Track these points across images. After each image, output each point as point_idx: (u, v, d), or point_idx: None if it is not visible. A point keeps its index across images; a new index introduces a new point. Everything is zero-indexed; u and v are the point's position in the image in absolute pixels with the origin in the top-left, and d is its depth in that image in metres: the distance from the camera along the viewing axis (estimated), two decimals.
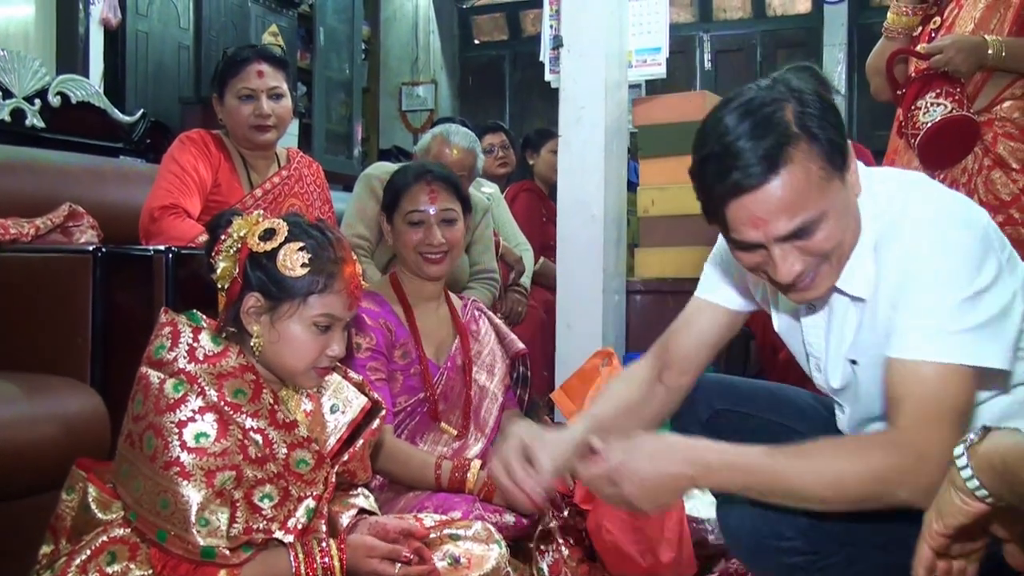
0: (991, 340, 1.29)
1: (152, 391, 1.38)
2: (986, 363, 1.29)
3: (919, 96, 2.44)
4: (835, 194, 1.30)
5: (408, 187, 2.18)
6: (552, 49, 3.91)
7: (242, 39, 5.99)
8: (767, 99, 1.29)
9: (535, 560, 1.95)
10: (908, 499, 1.26)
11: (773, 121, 1.27)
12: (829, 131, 1.28)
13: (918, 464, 1.25)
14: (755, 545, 1.38)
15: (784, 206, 1.27)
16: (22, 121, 2.81)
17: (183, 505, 1.34)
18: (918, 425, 1.27)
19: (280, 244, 1.45)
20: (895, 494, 1.26)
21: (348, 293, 1.49)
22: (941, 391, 1.28)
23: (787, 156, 1.25)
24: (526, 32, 8.86)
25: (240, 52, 2.65)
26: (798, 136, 1.26)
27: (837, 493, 1.28)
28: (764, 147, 1.25)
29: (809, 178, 1.27)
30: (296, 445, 1.47)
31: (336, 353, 1.50)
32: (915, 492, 1.24)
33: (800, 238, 1.31)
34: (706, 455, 1.32)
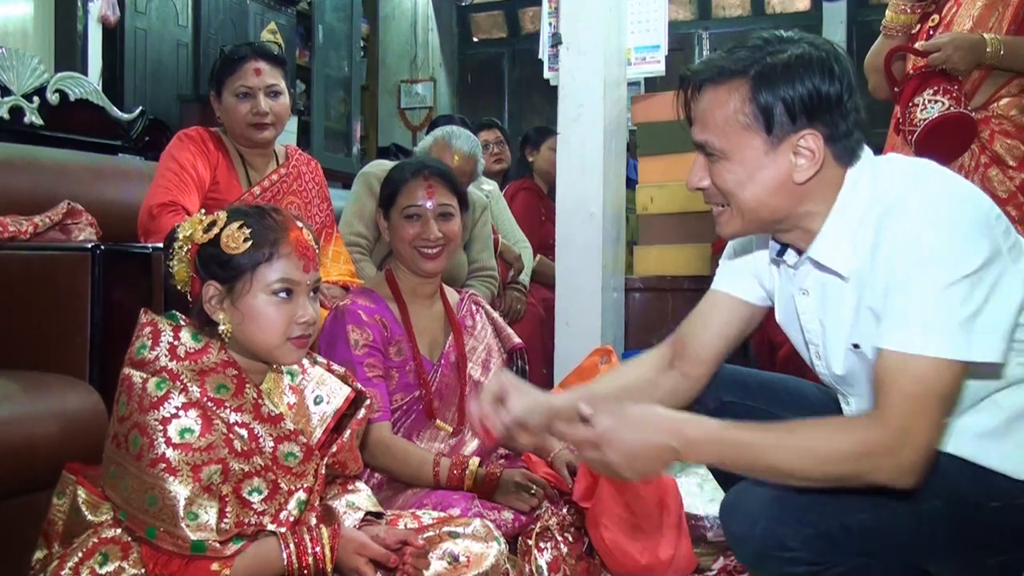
0: (983, 333, 1.29)
1: (135, 391, 1.39)
2: (977, 358, 1.30)
3: (916, 93, 2.44)
4: (748, 147, 1.38)
5: (405, 182, 2.17)
6: (551, 47, 3.91)
7: (241, 37, 5.99)
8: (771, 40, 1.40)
9: (533, 557, 1.95)
10: (886, 479, 1.29)
11: (741, 55, 1.39)
12: (785, 100, 1.35)
13: (900, 445, 1.28)
14: (759, 554, 1.38)
15: (702, 116, 1.42)
16: (20, 119, 2.81)
17: (171, 501, 1.35)
18: (904, 410, 1.29)
19: (221, 229, 1.47)
20: (873, 473, 1.29)
21: (298, 255, 1.49)
22: (929, 382, 1.29)
23: (724, 81, 1.39)
24: (525, 30, 8.86)
25: (237, 50, 2.64)
26: (744, 75, 1.37)
27: (817, 467, 1.31)
28: (718, 65, 1.40)
29: (725, 109, 1.38)
30: (283, 438, 1.48)
31: (306, 319, 1.50)
32: (893, 473, 1.29)
33: (709, 157, 1.43)
34: (689, 428, 1.36)
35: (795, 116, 1.36)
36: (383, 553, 1.49)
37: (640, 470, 1.37)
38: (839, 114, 1.37)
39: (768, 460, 1.33)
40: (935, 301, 1.29)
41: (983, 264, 1.29)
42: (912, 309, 1.31)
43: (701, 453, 1.37)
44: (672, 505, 2.09)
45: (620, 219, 3.60)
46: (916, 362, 1.29)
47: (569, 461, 2.12)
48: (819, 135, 1.37)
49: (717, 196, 1.45)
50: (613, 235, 3.49)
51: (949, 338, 1.28)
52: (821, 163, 1.38)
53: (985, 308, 1.29)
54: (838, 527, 1.35)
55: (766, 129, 1.37)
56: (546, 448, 2.13)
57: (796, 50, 1.37)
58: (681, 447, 1.34)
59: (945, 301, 1.28)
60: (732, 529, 1.42)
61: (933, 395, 1.29)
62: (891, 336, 1.32)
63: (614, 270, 3.55)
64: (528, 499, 1.97)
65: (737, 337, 1.71)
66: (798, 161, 1.38)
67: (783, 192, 1.40)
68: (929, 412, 1.29)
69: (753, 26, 8.15)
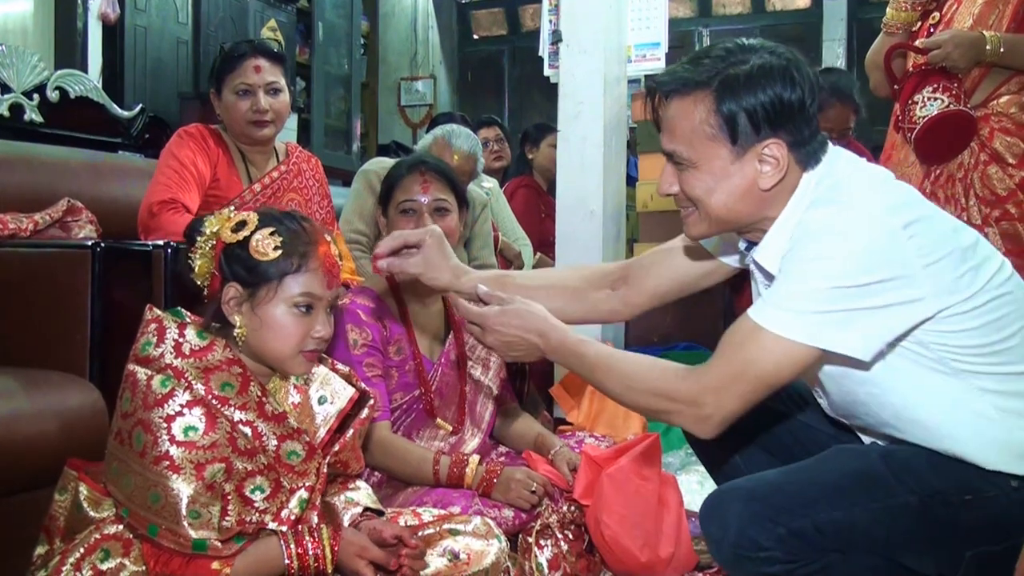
0: (840, 327, 1.33)
1: (140, 388, 1.39)
2: (822, 345, 1.34)
3: (916, 91, 2.44)
4: (715, 157, 1.43)
5: (402, 178, 2.17)
6: (551, 44, 3.91)
7: (241, 34, 5.99)
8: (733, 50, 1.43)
9: (533, 555, 1.95)
10: (684, 425, 1.45)
11: (705, 66, 1.42)
12: (748, 110, 1.39)
13: (705, 402, 1.39)
14: (735, 556, 1.39)
15: (669, 126, 1.47)
16: (20, 116, 2.80)
17: (173, 499, 1.34)
18: (723, 374, 1.39)
19: (252, 232, 1.46)
20: (675, 415, 1.44)
21: (324, 271, 1.49)
22: (759, 356, 1.36)
23: (690, 93, 1.43)
24: (525, 27, 8.86)
25: (237, 47, 2.64)
26: (708, 87, 1.41)
27: (630, 394, 1.49)
28: (683, 76, 1.44)
29: (690, 120, 1.43)
30: (286, 436, 1.47)
31: (322, 334, 1.50)
32: (690, 421, 1.43)
33: (678, 166, 1.48)
34: (554, 334, 1.54)
35: (759, 125, 1.40)
36: (383, 556, 1.49)
37: (510, 354, 1.59)
38: (801, 120, 1.42)
39: (599, 377, 1.52)
40: (806, 292, 1.34)
41: (873, 283, 1.32)
42: (784, 291, 1.36)
43: (557, 356, 1.57)
44: (672, 502, 2.10)
45: (620, 216, 3.60)
46: (757, 333, 1.36)
47: (570, 459, 2.12)
48: (783, 143, 1.41)
49: (686, 200, 1.51)
50: (613, 232, 3.49)
51: (799, 321, 1.33)
52: (785, 170, 1.43)
53: (862, 312, 1.33)
54: (810, 526, 1.37)
55: (731, 139, 1.41)
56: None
57: (758, 60, 1.40)
58: (545, 347, 1.54)
59: (815, 295, 1.33)
60: (708, 532, 1.44)
61: (758, 373, 1.36)
62: (756, 306, 1.40)
63: None
64: (528, 497, 1.97)
65: (691, 286, 1.78)
66: (763, 168, 1.43)
67: (749, 198, 1.45)
68: (745, 384, 1.37)
69: (753, 24, 8.15)
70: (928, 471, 1.42)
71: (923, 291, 1.35)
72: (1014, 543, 1.40)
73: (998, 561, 1.41)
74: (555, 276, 1.94)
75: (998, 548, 1.41)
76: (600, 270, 1.87)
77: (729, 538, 1.38)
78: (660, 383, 1.44)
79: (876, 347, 1.36)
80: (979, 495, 1.40)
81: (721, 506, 1.42)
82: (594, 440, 2.28)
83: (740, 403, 1.38)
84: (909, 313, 1.36)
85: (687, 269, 1.77)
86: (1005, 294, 1.42)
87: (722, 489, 1.49)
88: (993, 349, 1.40)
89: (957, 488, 1.40)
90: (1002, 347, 1.41)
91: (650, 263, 1.80)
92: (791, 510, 1.37)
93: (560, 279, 1.87)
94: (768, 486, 1.43)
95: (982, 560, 1.41)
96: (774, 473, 1.48)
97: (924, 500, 1.39)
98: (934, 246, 1.37)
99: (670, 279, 1.78)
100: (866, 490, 1.40)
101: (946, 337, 1.39)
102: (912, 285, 1.34)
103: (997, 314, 1.40)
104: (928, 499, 1.39)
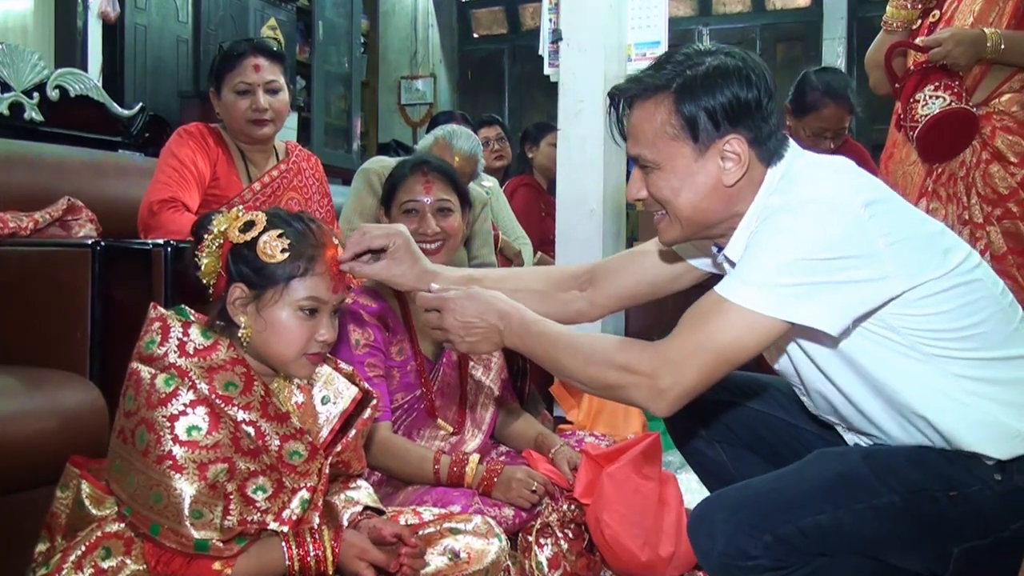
0: (807, 299, 1.34)
1: (143, 386, 1.38)
2: (787, 318, 1.35)
3: (918, 89, 2.44)
4: (679, 156, 1.46)
5: (404, 178, 2.17)
6: (551, 43, 3.91)
7: (241, 33, 5.99)
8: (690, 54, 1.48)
9: (534, 553, 1.95)
10: (640, 399, 1.43)
11: (665, 70, 1.47)
12: (707, 109, 1.43)
13: (663, 374, 1.39)
14: (723, 566, 1.40)
15: (633, 131, 1.51)
16: (20, 115, 2.80)
17: (176, 498, 1.34)
18: (684, 346, 1.39)
19: (260, 233, 1.46)
20: (626, 391, 1.43)
21: (331, 275, 1.49)
22: (724, 331, 1.37)
23: (650, 96, 1.47)
24: (525, 26, 8.86)
25: (236, 46, 2.63)
26: (667, 89, 1.45)
27: (585, 367, 1.47)
28: (643, 81, 1.49)
29: (652, 122, 1.47)
30: (289, 437, 1.47)
31: (326, 338, 1.49)
32: (646, 395, 1.41)
33: (644, 169, 1.51)
34: (515, 314, 1.53)
35: (718, 123, 1.44)
36: (384, 558, 1.49)
37: (472, 344, 1.56)
38: (760, 118, 1.46)
39: (560, 353, 1.49)
40: (771, 265, 1.36)
41: (836, 258, 1.34)
42: (748, 267, 1.38)
43: (517, 340, 1.54)
44: (673, 501, 2.09)
45: (620, 215, 3.60)
46: (720, 306, 1.38)
47: (570, 458, 2.12)
48: (743, 139, 1.45)
49: (656, 204, 1.53)
50: (613, 231, 3.49)
51: (763, 293, 1.35)
52: (747, 165, 1.46)
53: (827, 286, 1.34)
54: (796, 531, 1.37)
55: (692, 138, 1.45)
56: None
57: (714, 61, 1.45)
58: (505, 329, 1.53)
59: (780, 268, 1.35)
60: (697, 543, 1.45)
61: (720, 345, 1.37)
62: (722, 282, 1.41)
63: None
64: (529, 495, 1.97)
65: (660, 288, 1.80)
66: (726, 165, 1.46)
67: (715, 196, 1.48)
68: (706, 358, 1.37)
69: (753, 22, 8.15)
70: (910, 469, 1.43)
71: (887, 270, 1.36)
72: (1000, 536, 1.41)
73: (987, 555, 1.42)
74: (521, 277, 1.94)
75: (985, 542, 1.42)
76: (568, 271, 1.88)
77: (717, 549, 1.39)
78: (619, 355, 1.44)
79: (842, 322, 1.37)
80: (963, 490, 1.41)
81: (707, 518, 1.43)
82: (594, 439, 2.28)
83: (699, 377, 1.38)
84: (874, 291, 1.37)
85: (655, 272, 1.79)
86: (974, 280, 1.44)
87: (708, 500, 1.50)
88: (964, 334, 1.42)
89: (940, 484, 1.41)
90: (972, 332, 1.42)
91: (618, 265, 1.82)
92: (776, 516, 1.38)
93: (526, 280, 1.87)
94: (752, 494, 1.44)
95: (970, 555, 1.41)
96: (758, 480, 1.49)
97: (907, 498, 1.40)
98: (896, 226, 1.39)
99: (637, 281, 1.80)
100: (849, 492, 1.41)
101: (916, 321, 1.40)
102: (876, 264, 1.36)
103: (966, 299, 1.42)
104: (911, 497, 1.40)
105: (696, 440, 1.87)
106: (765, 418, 1.79)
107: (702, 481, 1.95)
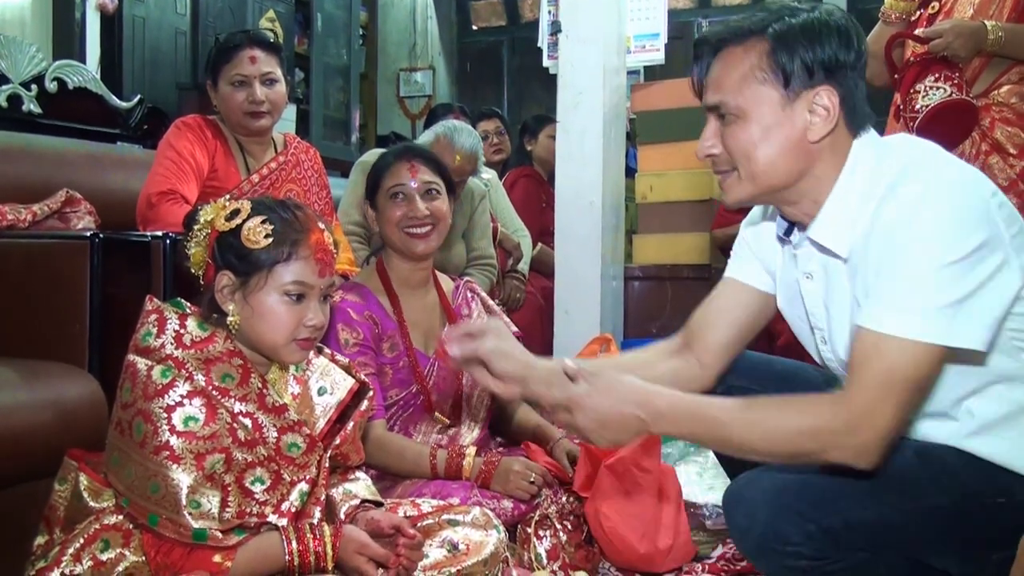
0: (967, 319, 1.28)
1: (140, 378, 1.39)
2: (955, 344, 1.28)
3: (917, 80, 2.43)
4: (765, 102, 1.38)
5: (389, 166, 2.16)
6: (550, 35, 3.91)
7: (239, 24, 5.96)
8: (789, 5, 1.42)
9: (533, 545, 1.95)
10: (844, 458, 1.30)
11: (760, 17, 1.41)
12: (803, 58, 1.36)
13: (860, 426, 1.28)
14: (760, 547, 1.37)
15: (716, 79, 1.43)
16: (19, 107, 2.80)
17: (173, 488, 1.35)
18: (870, 391, 1.29)
19: (244, 220, 1.47)
20: (832, 451, 1.30)
21: (316, 259, 1.49)
22: (900, 365, 1.29)
23: (742, 41, 1.41)
24: (524, 18, 8.83)
25: (232, 38, 2.62)
26: (762, 34, 1.39)
27: (769, 443, 1.32)
28: (737, 26, 1.43)
29: (742, 67, 1.39)
30: (286, 429, 1.47)
31: (314, 323, 1.50)
32: (850, 452, 1.29)
33: (722, 120, 1.43)
34: (658, 401, 1.37)
35: (813, 72, 1.37)
36: (383, 554, 1.49)
37: (610, 437, 1.39)
38: (855, 77, 1.39)
39: (725, 434, 1.35)
40: (919, 282, 1.28)
41: (976, 249, 1.28)
42: (895, 288, 1.30)
43: (667, 425, 1.38)
44: (671, 493, 2.10)
45: (619, 207, 3.60)
46: (889, 343, 1.29)
47: (569, 450, 2.12)
48: (835, 92, 1.37)
49: (726, 162, 1.45)
50: (612, 223, 3.49)
51: (927, 321, 1.27)
52: (835, 123, 1.38)
53: (976, 295, 1.28)
54: (841, 523, 1.34)
55: (784, 83, 1.37)
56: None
57: (815, 14, 1.39)
58: (649, 417, 1.36)
59: (930, 283, 1.28)
60: (734, 521, 1.42)
61: (902, 379, 1.29)
62: (870, 314, 1.32)
63: (613, 259, 3.55)
64: (527, 487, 1.97)
65: (751, 325, 1.69)
66: (813, 119, 1.38)
67: (796, 152, 1.40)
68: (896, 395, 1.29)
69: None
70: (963, 471, 1.38)
71: (1013, 262, 1.31)
72: None
73: None
74: (629, 357, 1.80)
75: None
76: (661, 346, 1.74)
77: (757, 529, 1.36)
78: (803, 421, 1.32)
79: (992, 334, 1.31)
80: (1012, 498, 1.37)
81: (748, 496, 1.40)
82: None
83: (895, 415, 1.29)
84: (1008, 283, 1.31)
85: (742, 312, 1.68)
86: None
87: (749, 478, 1.43)
88: None
89: (991, 490, 1.38)
90: None
91: (704, 322, 1.70)
92: (823, 506, 1.35)
93: (636, 358, 1.74)
94: (798, 478, 1.39)
95: (1005, 563, 1.40)
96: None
97: (956, 502, 1.37)
98: (1014, 219, 1.35)
99: (730, 327, 1.68)
100: (899, 489, 1.37)
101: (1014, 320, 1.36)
102: (1004, 252, 1.30)
103: None
104: (962, 501, 1.37)
105: None
106: None
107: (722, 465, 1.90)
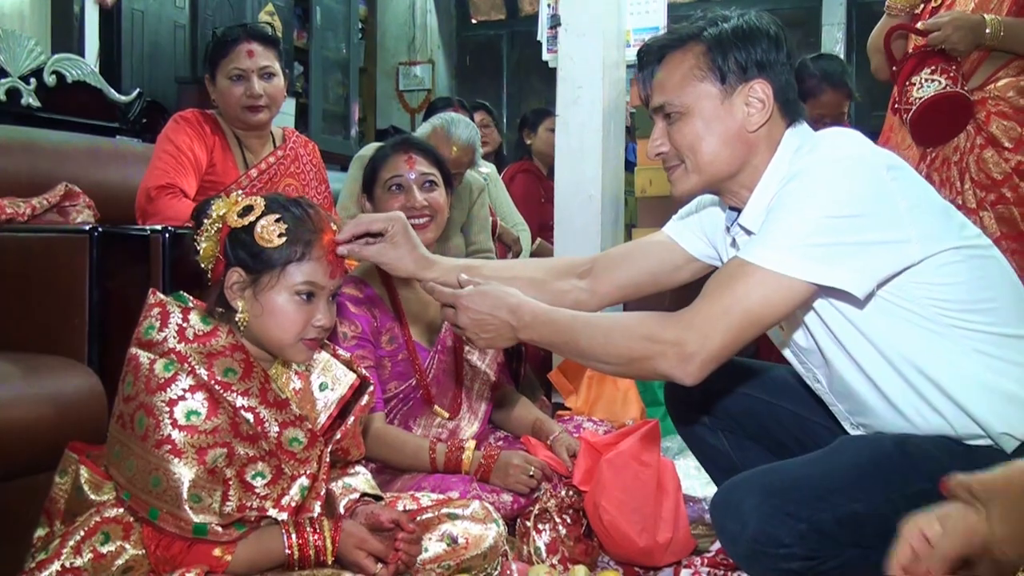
0: (837, 262, 1.34)
1: (142, 371, 1.39)
2: (816, 280, 1.34)
3: (914, 72, 2.43)
4: (705, 98, 1.51)
5: (386, 158, 2.16)
6: (550, 28, 3.90)
7: (238, 18, 5.95)
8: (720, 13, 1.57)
9: (532, 539, 1.96)
10: (667, 368, 1.40)
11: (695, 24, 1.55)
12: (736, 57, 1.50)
13: (683, 340, 1.38)
14: (752, 552, 1.37)
15: (660, 82, 1.56)
16: (17, 100, 2.80)
17: (174, 482, 1.35)
18: (708, 310, 1.38)
19: (258, 217, 1.46)
20: (653, 361, 1.41)
21: (328, 260, 1.50)
22: (750, 295, 1.36)
23: (680, 46, 1.54)
24: (524, 11, 8.81)
25: (230, 32, 2.62)
26: (697, 38, 1.53)
27: (607, 345, 1.45)
28: (674, 34, 1.56)
29: (682, 68, 1.52)
30: (288, 423, 1.47)
31: (323, 323, 1.50)
32: (668, 365, 1.39)
33: (668, 120, 1.54)
34: (526, 310, 1.53)
35: (746, 68, 1.50)
36: (383, 548, 1.50)
37: (486, 338, 1.56)
38: (785, 72, 1.51)
39: (578, 336, 1.49)
40: (797, 225, 1.36)
41: (862, 213, 1.35)
42: (773, 229, 1.38)
43: (532, 333, 1.53)
44: (670, 487, 2.10)
45: (619, 202, 3.59)
46: (750, 270, 1.37)
47: (569, 444, 2.12)
48: (768, 85, 1.50)
49: (674, 157, 1.56)
50: (612, 218, 3.49)
51: (792, 255, 1.35)
52: (770, 113, 1.51)
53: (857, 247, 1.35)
54: (832, 520, 1.35)
55: (721, 79, 1.50)
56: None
57: (745, 18, 1.54)
58: (518, 324, 1.52)
59: (808, 227, 1.35)
60: (724, 527, 1.42)
61: (745, 308, 1.36)
62: (744, 248, 1.42)
63: None
64: (526, 481, 1.97)
65: (656, 282, 1.80)
66: (750, 111, 1.50)
67: (736, 142, 1.51)
68: (733, 322, 1.37)
69: (753, 7, 8.10)
70: (942, 455, 1.40)
71: (908, 234, 1.37)
72: None
73: None
74: (518, 266, 1.96)
75: None
76: (568, 261, 1.89)
77: (747, 534, 1.36)
78: (640, 327, 1.43)
79: (867, 284, 1.37)
80: None
81: (737, 500, 1.40)
82: (592, 425, 2.29)
83: (726, 340, 1.37)
84: (896, 254, 1.38)
85: (657, 262, 1.79)
86: (989, 257, 1.46)
87: (735, 482, 1.45)
88: (981, 307, 1.42)
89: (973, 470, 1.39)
90: (989, 306, 1.42)
91: (619, 255, 1.83)
92: (812, 504, 1.35)
93: (523, 269, 1.87)
94: (784, 479, 1.40)
95: None
96: (788, 465, 1.46)
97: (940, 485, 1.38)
98: (915, 192, 1.41)
99: (638, 271, 1.79)
100: (884, 479, 1.38)
101: (934, 290, 1.40)
102: (898, 226, 1.37)
103: (982, 272, 1.43)
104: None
105: (699, 428, 1.86)
106: (770, 407, 1.77)
107: (705, 470, 1.94)
